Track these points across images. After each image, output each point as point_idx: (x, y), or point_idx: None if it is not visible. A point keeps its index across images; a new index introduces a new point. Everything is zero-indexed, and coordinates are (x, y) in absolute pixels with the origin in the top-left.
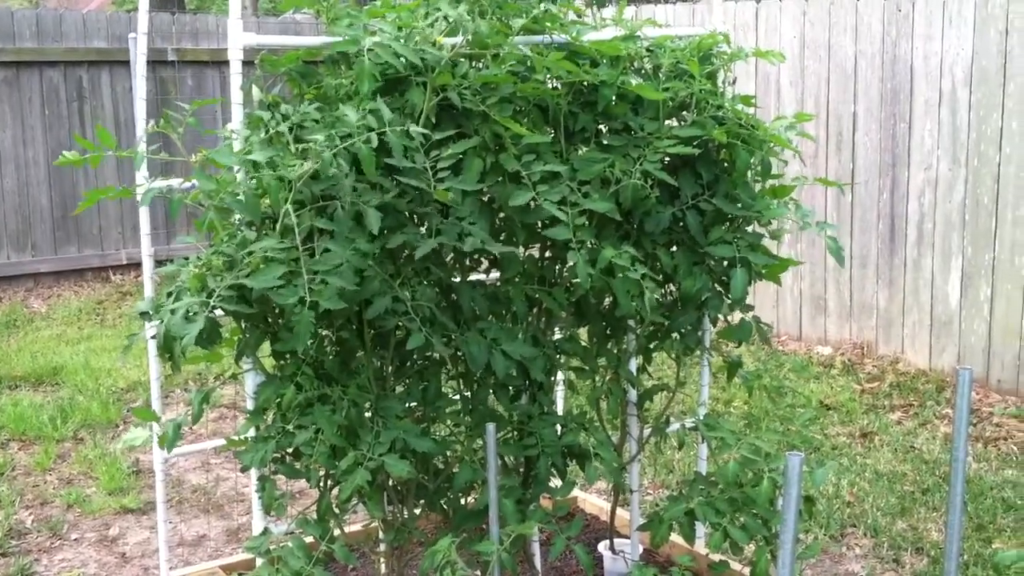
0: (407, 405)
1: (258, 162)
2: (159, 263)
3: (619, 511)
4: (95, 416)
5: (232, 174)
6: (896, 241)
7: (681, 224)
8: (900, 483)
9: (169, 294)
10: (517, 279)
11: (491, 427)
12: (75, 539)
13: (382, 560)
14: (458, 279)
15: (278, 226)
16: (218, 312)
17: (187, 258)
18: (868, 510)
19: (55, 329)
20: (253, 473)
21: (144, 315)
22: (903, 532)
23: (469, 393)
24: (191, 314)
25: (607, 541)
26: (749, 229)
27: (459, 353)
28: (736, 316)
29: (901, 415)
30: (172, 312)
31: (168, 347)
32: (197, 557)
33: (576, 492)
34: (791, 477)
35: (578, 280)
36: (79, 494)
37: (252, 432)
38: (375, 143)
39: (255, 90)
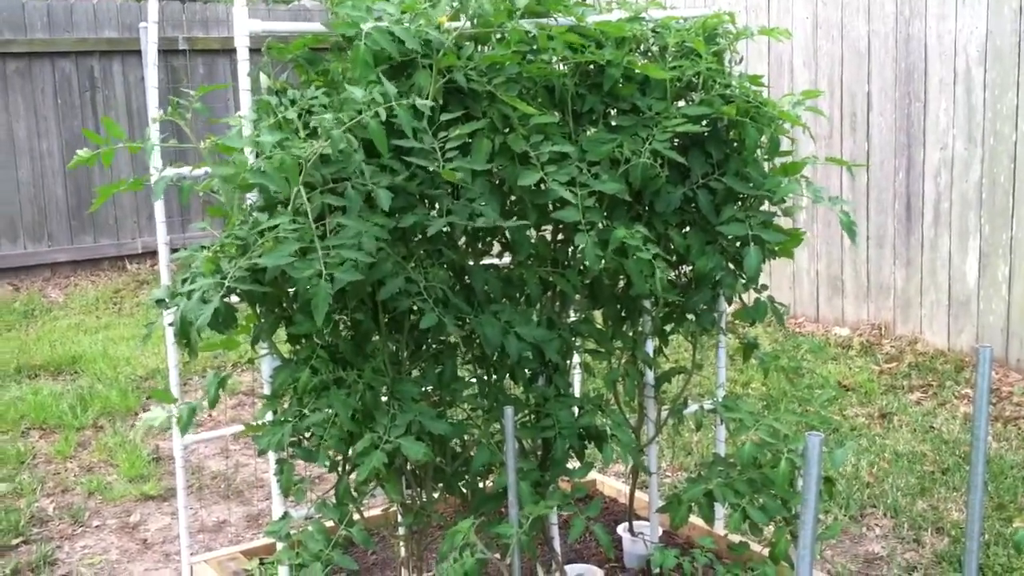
0: (423, 389)
1: (269, 143)
2: (175, 251)
3: (638, 493)
4: (114, 404)
5: (243, 158)
6: (912, 221)
7: (692, 204)
8: (920, 463)
9: (184, 280)
10: (530, 262)
11: (509, 410)
12: (96, 526)
13: (401, 543)
14: (471, 263)
15: (290, 207)
16: (234, 299)
17: (204, 246)
18: (888, 490)
19: (73, 318)
20: (271, 457)
21: (160, 303)
22: (923, 512)
23: (485, 376)
24: (205, 296)
25: (626, 523)
26: (763, 208)
27: (473, 336)
28: (751, 297)
29: (920, 395)
30: (187, 297)
31: (185, 332)
32: (218, 543)
33: (594, 475)
34: (811, 458)
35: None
36: (100, 481)
37: (269, 416)
38: (383, 117)
39: (263, 77)
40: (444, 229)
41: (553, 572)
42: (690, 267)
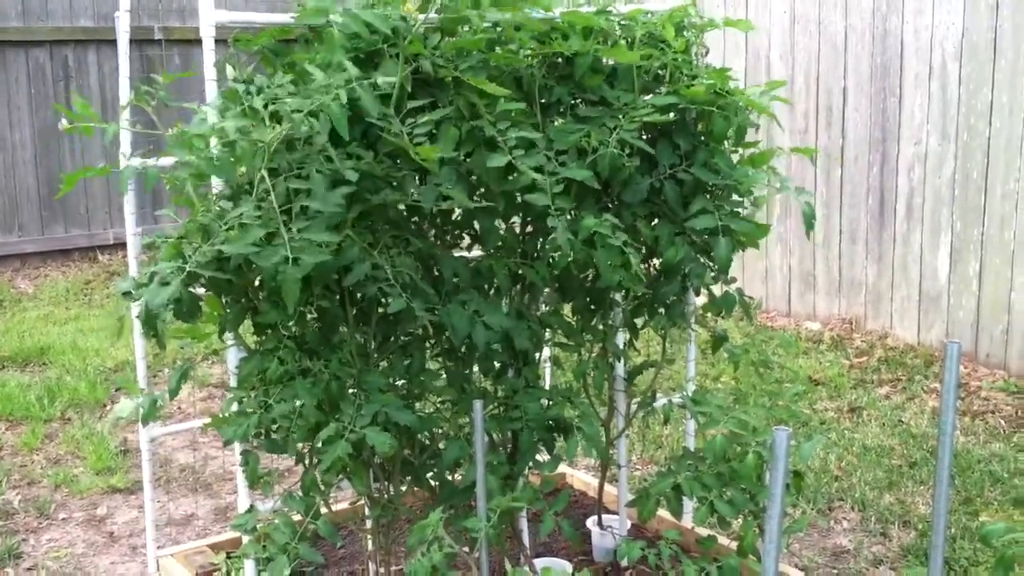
0: (391, 380)
1: (232, 128)
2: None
3: (607, 487)
4: (83, 396)
5: (204, 148)
6: (886, 216)
7: (660, 195)
8: (888, 457)
9: (151, 274)
10: (499, 253)
11: (478, 404)
12: (63, 519)
13: (369, 536)
14: (439, 253)
15: (254, 193)
16: (201, 291)
17: (169, 236)
18: (856, 484)
19: (42, 309)
20: (237, 449)
21: (127, 294)
22: (891, 506)
23: (454, 368)
24: (165, 280)
25: (595, 517)
26: (732, 198)
27: (442, 327)
28: (720, 289)
29: (889, 390)
30: (148, 283)
31: (151, 323)
32: (185, 536)
33: (564, 468)
34: (778, 452)
35: (560, 252)
36: (67, 474)
37: (235, 407)
38: (344, 99)
39: (229, 68)
40: (412, 220)
41: (522, 566)
42: (659, 259)
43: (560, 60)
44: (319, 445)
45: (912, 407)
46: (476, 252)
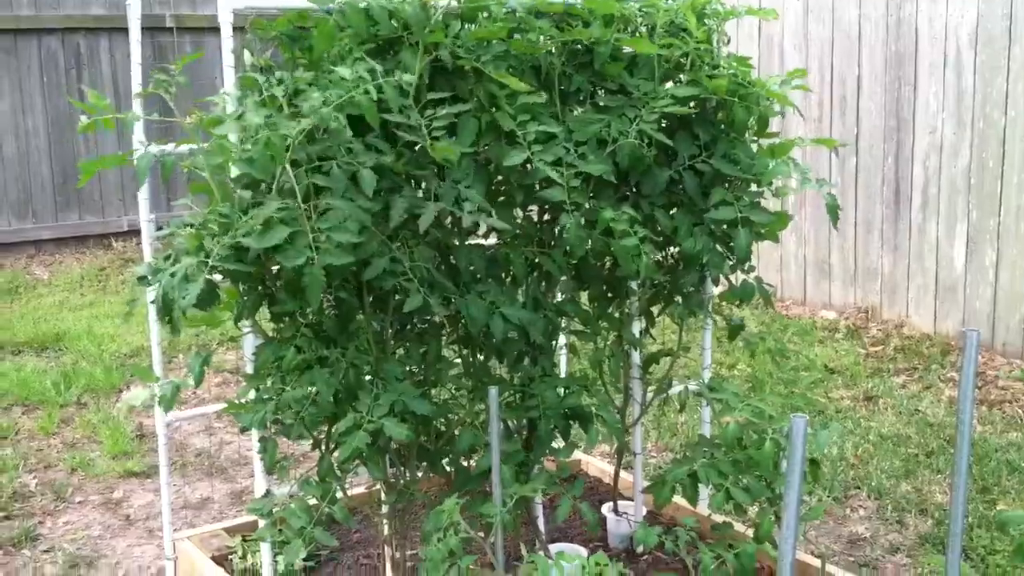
0: (407, 368)
1: (256, 124)
2: (160, 229)
3: (622, 474)
4: (98, 381)
5: (226, 138)
6: (901, 206)
7: (680, 185)
8: (904, 446)
9: (167, 257)
10: (515, 242)
11: (493, 391)
12: (79, 502)
13: (384, 521)
14: (456, 242)
15: (274, 186)
16: (217, 277)
17: (188, 223)
18: (872, 472)
19: (57, 296)
20: (254, 436)
21: (142, 280)
22: (907, 494)
23: (470, 357)
24: (189, 275)
25: (611, 503)
26: (751, 189)
27: (458, 316)
28: (738, 277)
29: (905, 379)
30: (171, 275)
31: (167, 310)
32: (201, 519)
33: (579, 455)
34: (796, 440)
35: (568, 241)
36: (83, 458)
37: (252, 394)
38: (375, 95)
39: (247, 55)
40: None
41: (537, 551)
42: (677, 248)
43: (580, 47)
44: (337, 434)
45: (928, 396)
46: (493, 239)
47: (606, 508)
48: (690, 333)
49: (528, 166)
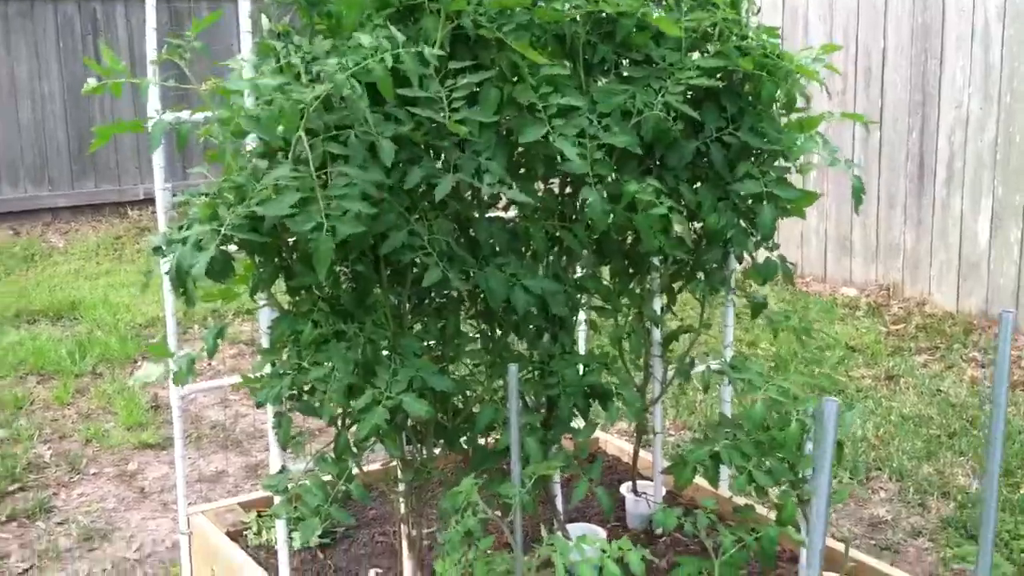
0: (425, 343)
1: (269, 86)
2: (175, 197)
3: (641, 452)
4: (113, 351)
5: (242, 102)
6: (925, 180)
7: (704, 159)
8: (926, 427)
9: (180, 227)
10: (536, 215)
11: (513, 368)
12: (94, 473)
13: (401, 499)
14: (476, 215)
15: (290, 154)
16: (232, 248)
17: (203, 192)
18: (894, 454)
19: (73, 264)
20: (269, 410)
21: (157, 250)
22: (929, 476)
23: (489, 331)
24: (201, 244)
25: (629, 483)
26: (776, 164)
27: (478, 290)
28: (760, 255)
29: (927, 358)
30: (183, 243)
31: (181, 281)
32: (216, 493)
33: (597, 433)
34: (827, 423)
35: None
36: (98, 429)
37: (267, 369)
38: (390, 63)
39: (264, 20)
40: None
41: (555, 531)
42: (700, 223)
43: (605, 16)
44: (356, 411)
45: (951, 376)
46: (513, 212)
47: (624, 488)
48: (710, 310)
49: (549, 138)
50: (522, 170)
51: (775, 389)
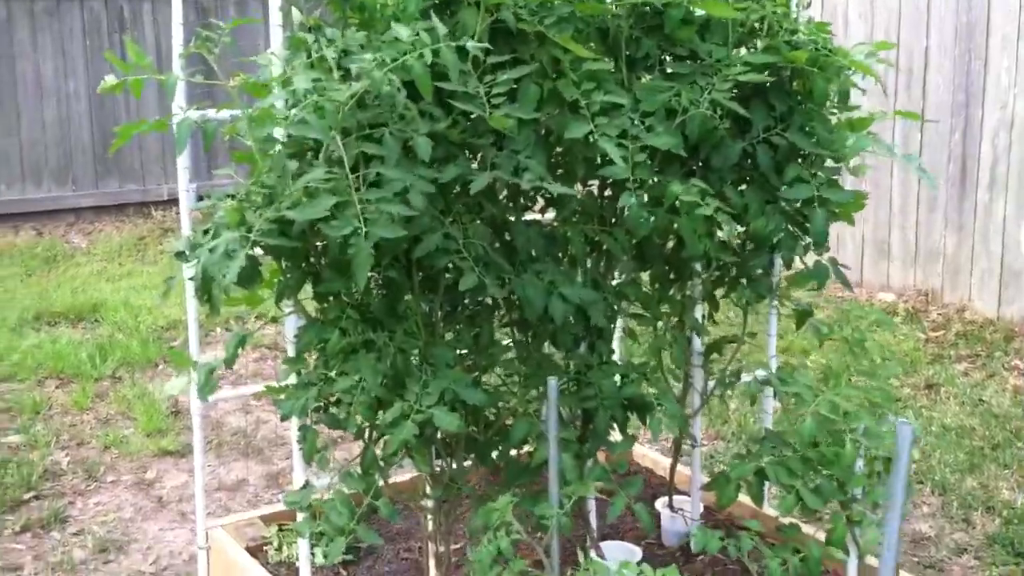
0: (457, 353)
1: (304, 89)
2: (200, 199)
3: (677, 466)
4: (134, 355)
5: (272, 103)
6: (967, 184)
7: (750, 160)
8: (968, 438)
9: (206, 231)
10: (575, 218)
11: (553, 382)
12: (111, 481)
13: (429, 517)
14: (512, 218)
15: (321, 155)
16: (258, 252)
17: (230, 195)
18: (935, 466)
19: (95, 265)
20: (294, 422)
21: (180, 255)
22: (973, 490)
23: (524, 340)
24: (230, 251)
25: (665, 498)
26: (828, 164)
27: (513, 296)
28: (802, 260)
29: (968, 366)
30: (210, 251)
31: (206, 288)
32: (236, 503)
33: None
34: (901, 449)
35: (640, 222)
36: (116, 435)
37: (292, 379)
38: (429, 60)
39: (295, 13)
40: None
41: (589, 548)
42: (744, 228)
43: (648, 10)
44: (384, 425)
45: (992, 385)
46: (550, 215)
47: (660, 503)
48: (754, 318)
49: (591, 138)
50: (560, 171)
51: (826, 404)
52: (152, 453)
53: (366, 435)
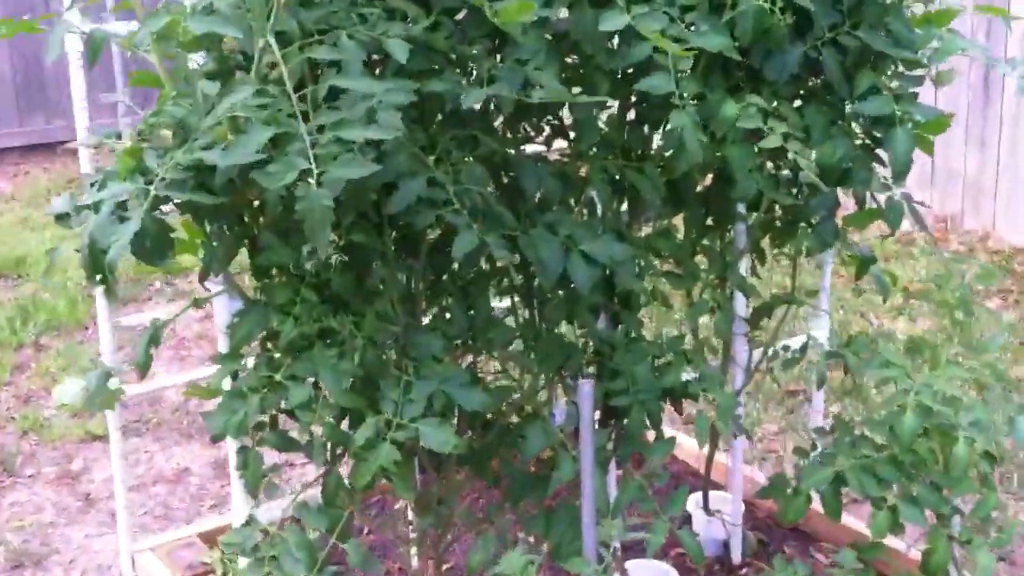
0: (446, 339)
1: None
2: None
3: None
4: (61, 316)
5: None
6: (991, 92)
7: (811, 70)
8: (1016, 391)
9: (93, 183)
10: (592, 152)
11: (587, 387)
12: (30, 476)
13: (413, 550)
14: (513, 152)
15: (254, 69)
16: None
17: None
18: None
19: (19, 212)
20: (230, 443)
21: (61, 218)
22: None
23: (531, 316)
24: (122, 210)
25: (697, 495)
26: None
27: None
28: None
29: (999, 303)
30: (95, 210)
31: (97, 265)
32: (176, 499)
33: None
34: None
35: (678, 151)
36: (37, 417)
37: (227, 384)
38: None
39: None
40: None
41: (612, 572)
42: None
43: None
44: (354, 448)
45: None
46: (556, 144)
47: (693, 503)
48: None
49: (614, 41)
50: (576, 88)
51: (928, 392)
52: (78, 438)
53: (329, 454)
